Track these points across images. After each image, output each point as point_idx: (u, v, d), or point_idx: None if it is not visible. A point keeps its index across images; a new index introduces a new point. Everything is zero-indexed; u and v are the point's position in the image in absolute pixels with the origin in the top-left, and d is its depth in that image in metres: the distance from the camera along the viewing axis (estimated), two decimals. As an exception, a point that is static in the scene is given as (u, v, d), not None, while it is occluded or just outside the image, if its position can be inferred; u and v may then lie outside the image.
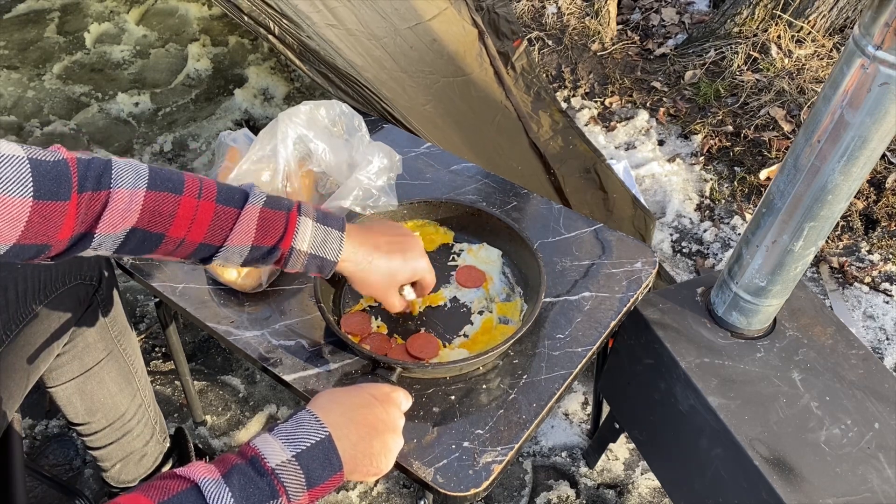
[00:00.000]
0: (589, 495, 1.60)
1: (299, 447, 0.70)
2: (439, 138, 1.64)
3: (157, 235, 0.82)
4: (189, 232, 0.83)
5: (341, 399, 0.78)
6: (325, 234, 0.90)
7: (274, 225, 0.87)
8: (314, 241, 0.89)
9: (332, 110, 1.24)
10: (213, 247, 0.85)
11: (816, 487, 0.99)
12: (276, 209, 0.87)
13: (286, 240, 0.87)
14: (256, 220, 0.86)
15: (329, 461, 0.71)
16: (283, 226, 0.87)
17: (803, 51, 2.71)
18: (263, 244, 0.87)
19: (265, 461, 0.68)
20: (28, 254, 0.75)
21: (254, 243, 0.86)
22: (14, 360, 1.05)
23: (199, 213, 0.83)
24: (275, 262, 0.90)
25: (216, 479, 0.65)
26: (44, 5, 3.16)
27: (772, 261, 1.07)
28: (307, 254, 0.89)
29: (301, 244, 0.88)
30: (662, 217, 2.27)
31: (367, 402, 0.79)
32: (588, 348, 1.09)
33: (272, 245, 0.87)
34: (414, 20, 1.80)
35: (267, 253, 0.88)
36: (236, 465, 0.67)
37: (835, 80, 0.89)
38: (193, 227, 0.83)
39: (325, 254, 0.90)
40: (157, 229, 0.81)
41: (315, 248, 0.89)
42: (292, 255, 0.89)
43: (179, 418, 1.72)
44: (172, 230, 0.82)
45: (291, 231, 0.88)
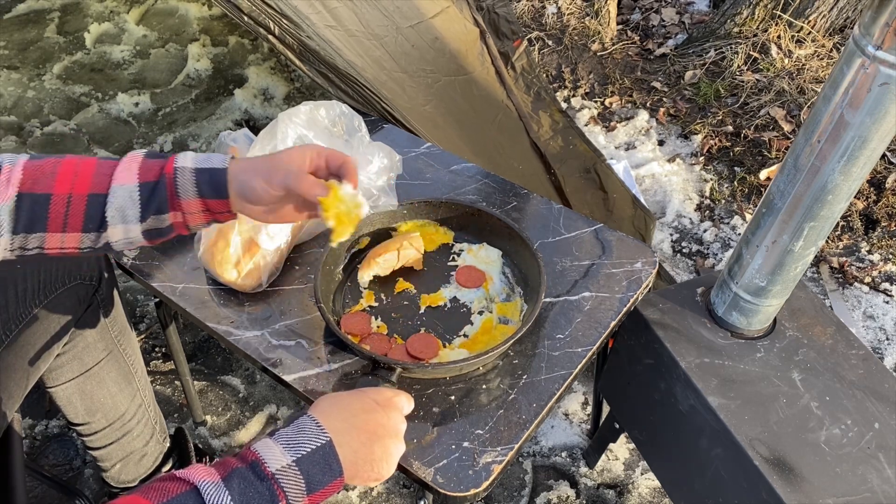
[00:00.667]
0: (589, 495, 1.60)
1: (300, 452, 0.70)
2: (440, 138, 1.64)
3: (43, 196, 0.82)
4: (74, 185, 0.83)
5: (343, 404, 0.78)
6: (208, 155, 0.88)
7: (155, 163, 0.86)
8: (198, 158, 0.87)
9: (332, 110, 1.24)
10: (101, 196, 0.84)
11: (816, 487, 0.99)
12: (158, 157, 0.87)
13: (168, 164, 0.85)
14: (139, 163, 0.85)
15: (329, 467, 0.71)
16: (163, 162, 0.86)
17: (803, 51, 2.71)
18: (148, 179, 0.85)
19: (265, 465, 0.68)
20: None
21: (139, 181, 0.84)
22: (14, 360, 1.05)
23: (80, 167, 0.84)
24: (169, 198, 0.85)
25: (216, 482, 0.65)
26: (44, 5, 3.16)
27: (772, 261, 1.07)
28: (193, 169, 0.85)
29: (184, 162, 0.86)
30: (662, 217, 2.27)
31: (369, 407, 0.79)
32: (588, 348, 1.09)
33: (156, 177, 0.85)
34: (416, 18, 1.80)
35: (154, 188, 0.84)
36: (236, 468, 0.67)
37: (835, 80, 0.89)
38: (77, 181, 0.84)
39: (212, 164, 0.86)
40: (42, 189, 0.82)
41: (200, 163, 0.86)
42: (178, 175, 0.85)
43: (179, 418, 1.72)
44: (56, 187, 0.83)
45: (172, 159, 0.86)
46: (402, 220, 1.26)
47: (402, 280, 1.19)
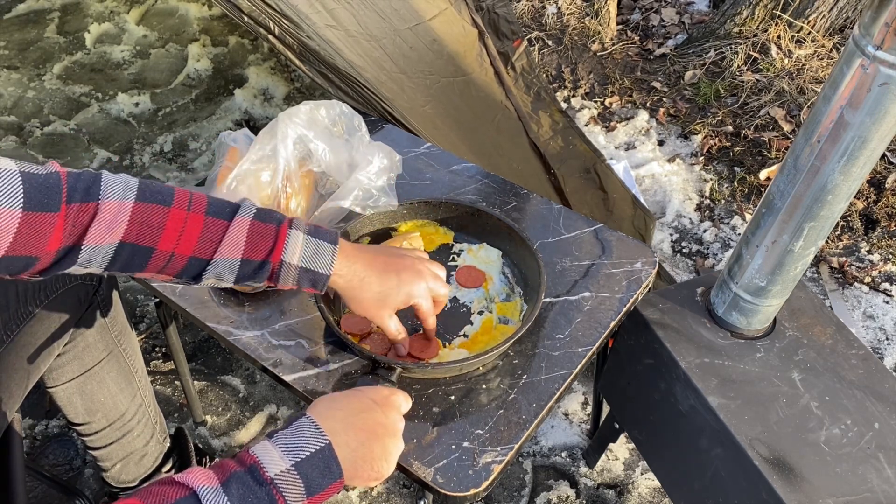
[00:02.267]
0: (589, 495, 1.60)
1: (299, 456, 0.69)
2: (439, 139, 1.64)
3: (146, 249, 0.81)
4: (178, 245, 0.82)
5: (341, 404, 0.78)
6: (316, 246, 0.88)
7: (264, 237, 0.85)
8: (305, 253, 0.87)
9: (332, 110, 1.24)
10: (204, 261, 0.84)
11: (816, 487, 0.99)
12: (266, 222, 0.86)
13: (276, 252, 0.86)
14: (246, 231, 0.84)
15: (329, 469, 0.71)
16: (273, 238, 0.85)
17: (803, 51, 2.71)
18: (253, 258, 0.85)
19: (264, 470, 0.67)
20: (16, 266, 0.75)
21: (243, 257, 0.85)
22: (14, 360, 1.05)
23: (188, 224, 0.82)
24: (267, 279, 0.88)
25: (214, 487, 0.65)
26: (44, 5, 3.16)
27: (772, 261, 1.07)
28: (298, 267, 0.87)
29: (291, 257, 0.86)
30: (662, 217, 2.27)
31: (367, 406, 0.79)
32: (588, 348, 1.09)
33: (262, 259, 0.85)
34: (414, 20, 1.80)
35: (258, 267, 0.86)
36: (235, 472, 0.67)
37: (835, 80, 0.89)
38: (182, 239, 0.82)
39: (316, 267, 0.88)
40: (146, 242, 0.81)
41: (306, 262, 0.87)
42: (283, 268, 0.87)
43: (179, 418, 1.72)
44: (161, 243, 0.81)
45: (281, 243, 0.86)
46: (402, 220, 1.26)
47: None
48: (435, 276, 0.97)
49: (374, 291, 0.92)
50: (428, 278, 0.96)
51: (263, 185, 1.15)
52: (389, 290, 0.93)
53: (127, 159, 2.45)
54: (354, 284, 0.91)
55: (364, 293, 0.92)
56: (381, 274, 0.92)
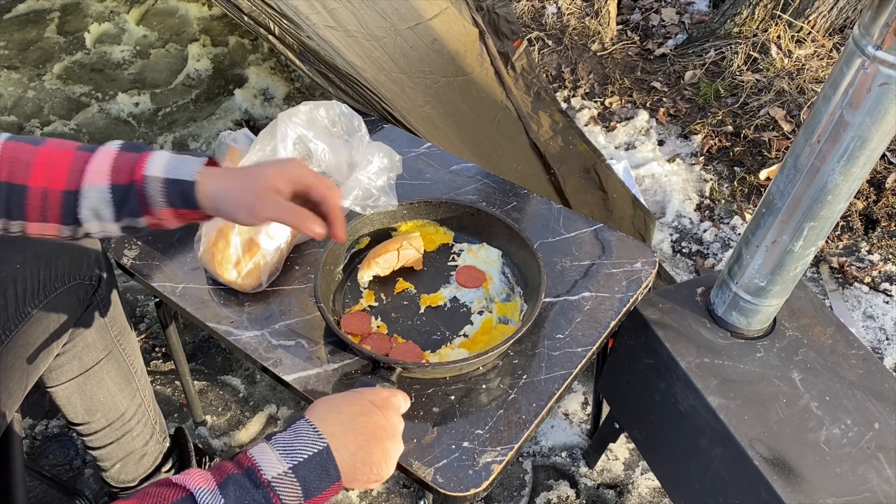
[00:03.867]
0: (589, 495, 1.60)
1: (296, 459, 0.69)
2: (439, 139, 1.64)
3: (19, 187, 0.83)
4: (49, 179, 0.83)
5: (339, 407, 0.77)
6: (180, 160, 0.86)
7: (128, 161, 0.85)
8: (168, 165, 0.85)
9: (332, 110, 1.24)
10: (75, 192, 0.84)
11: (816, 487, 0.99)
12: (132, 151, 0.86)
13: (138, 169, 0.84)
14: (112, 158, 0.85)
15: (327, 472, 0.70)
16: (136, 160, 0.85)
17: (803, 51, 2.71)
18: (119, 181, 0.84)
19: (261, 473, 0.67)
20: None
21: (111, 182, 0.84)
22: (14, 360, 1.05)
23: (57, 159, 0.84)
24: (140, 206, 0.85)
25: (212, 489, 0.65)
26: (44, 5, 3.16)
27: (772, 261, 1.07)
28: (162, 179, 0.84)
29: (154, 170, 0.84)
30: (662, 217, 2.27)
31: (367, 409, 0.78)
32: (588, 348, 1.09)
33: (127, 182, 0.84)
34: (414, 20, 1.80)
35: (125, 191, 0.84)
36: (232, 475, 0.67)
37: (835, 80, 0.89)
38: (52, 173, 0.83)
39: (181, 175, 0.84)
40: (18, 180, 0.83)
41: (170, 172, 0.84)
42: (147, 185, 0.84)
43: (179, 418, 1.72)
44: (32, 179, 0.83)
45: (143, 160, 0.85)
46: (402, 220, 1.26)
47: (402, 280, 1.19)
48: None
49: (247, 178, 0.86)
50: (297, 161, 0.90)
51: (263, 185, 1.15)
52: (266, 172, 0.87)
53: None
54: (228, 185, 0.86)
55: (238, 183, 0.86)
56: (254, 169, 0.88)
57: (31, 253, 1.07)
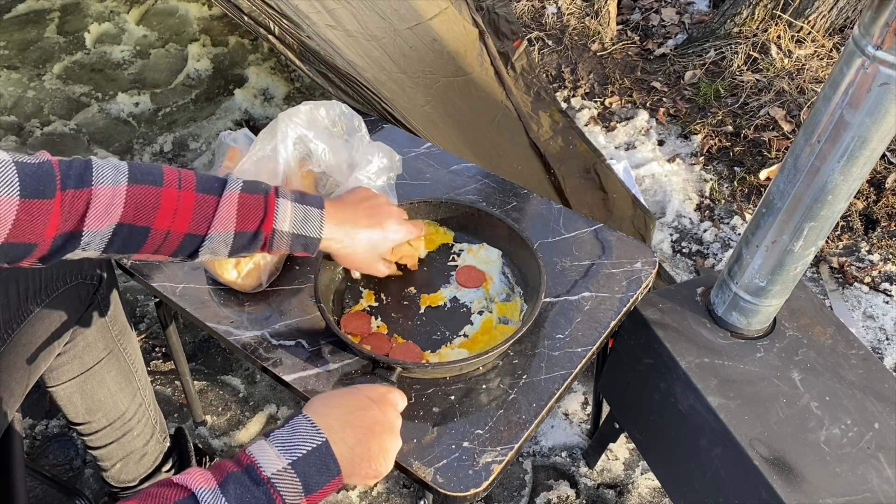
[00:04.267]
0: (589, 495, 1.60)
1: (295, 455, 0.69)
2: (439, 139, 1.64)
3: (142, 229, 0.84)
4: (173, 223, 0.85)
5: (337, 402, 0.78)
6: (304, 212, 0.92)
7: (254, 209, 0.88)
8: (295, 220, 0.91)
9: (332, 110, 1.24)
10: (199, 237, 0.87)
11: (816, 487, 0.99)
12: (254, 193, 0.89)
13: (267, 222, 0.89)
14: (236, 205, 0.87)
15: (326, 467, 0.71)
16: (262, 209, 0.89)
17: (803, 51, 2.71)
18: (246, 229, 0.88)
19: (261, 470, 0.67)
20: (16, 253, 0.77)
21: (236, 229, 0.88)
22: (14, 359, 1.06)
23: (181, 202, 0.85)
24: (261, 247, 0.91)
25: (212, 488, 0.65)
26: (44, 5, 3.16)
27: (772, 261, 1.07)
28: (290, 234, 0.91)
29: (282, 225, 0.90)
30: (662, 217, 2.27)
31: (364, 404, 0.79)
32: (588, 348, 1.09)
33: (255, 229, 0.89)
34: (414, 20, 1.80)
35: (251, 238, 0.89)
36: (232, 473, 0.67)
37: (835, 80, 0.89)
38: (177, 217, 0.85)
39: (307, 232, 0.92)
40: (142, 222, 0.83)
41: (297, 228, 0.91)
42: (275, 236, 0.91)
43: (179, 418, 1.72)
44: (157, 222, 0.84)
45: (272, 213, 0.89)
46: (402, 220, 1.26)
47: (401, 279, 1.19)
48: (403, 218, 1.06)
49: (363, 246, 1.00)
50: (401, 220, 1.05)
51: (263, 185, 1.15)
52: (377, 242, 1.02)
53: (127, 159, 2.45)
54: (346, 244, 0.98)
55: (356, 250, 1.00)
56: (367, 228, 1.00)
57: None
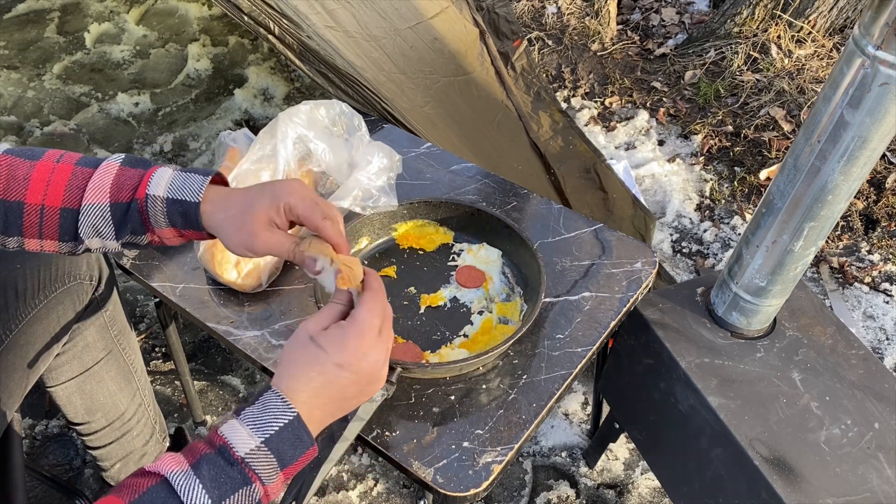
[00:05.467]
0: (589, 495, 1.60)
1: (267, 432, 0.68)
2: (439, 139, 1.64)
3: (16, 204, 0.80)
4: (46, 196, 0.80)
5: (304, 372, 0.72)
6: (184, 178, 0.83)
7: (130, 178, 0.82)
8: (172, 184, 0.82)
9: (332, 110, 1.24)
10: (74, 210, 0.82)
11: (816, 487, 0.99)
12: (135, 166, 0.83)
13: (141, 188, 0.82)
14: (113, 175, 0.82)
15: (300, 440, 0.69)
16: (139, 177, 0.82)
17: (803, 51, 2.71)
18: (120, 199, 0.82)
19: (234, 450, 0.66)
20: None
21: (111, 200, 0.82)
22: (14, 359, 1.05)
23: (55, 175, 0.81)
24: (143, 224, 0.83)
25: (185, 470, 0.64)
26: (44, 5, 3.16)
27: (772, 261, 1.07)
28: (164, 199, 0.81)
29: (156, 189, 0.82)
30: (662, 217, 2.27)
31: (334, 376, 0.72)
32: (588, 348, 1.09)
33: (129, 199, 0.82)
34: (414, 19, 1.80)
35: (125, 209, 0.82)
36: (205, 454, 0.66)
37: (835, 80, 0.89)
38: (49, 189, 0.80)
39: (184, 195, 0.81)
40: (14, 196, 0.80)
41: (173, 192, 0.82)
42: (149, 204, 0.82)
43: (179, 418, 1.72)
44: (29, 195, 0.80)
45: (146, 179, 0.82)
46: (402, 220, 1.26)
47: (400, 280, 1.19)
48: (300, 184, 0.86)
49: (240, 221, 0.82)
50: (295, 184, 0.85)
51: (263, 185, 1.15)
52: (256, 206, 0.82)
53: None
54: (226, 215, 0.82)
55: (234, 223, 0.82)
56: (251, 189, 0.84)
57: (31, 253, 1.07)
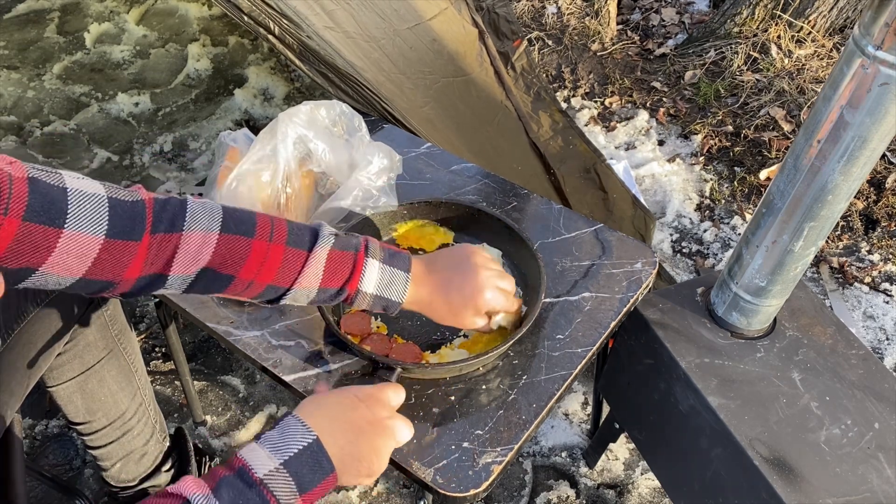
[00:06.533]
0: (589, 495, 1.60)
1: (286, 454, 0.69)
2: (438, 140, 1.64)
3: (226, 277, 0.83)
4: (258, 274, 0.84)
5: (326, 403, 0.78)
6: (391, 275, 0.91)
7: (341, 267, 0.88)
8: (380, 282, 0.90)
9: (332, 110, 1.24)
10: (282, 289, 0.87)
11: (816, 487, 0.99)
12: (344, 250, 0.88)
13: (353, 282, 0.89)
14: (325, 262, 0.87)
15: (319, 465, 0.70)
16: (350, 268, 0.88)
17: (803, 51, 2.71)
18: (330, 286, 0.88)
19: (252, 472, 0.67)
20: (93, 288, 0.77)
21: (321, 286, 0.88)
22: (14, 360, 1.05)
23: (269, 255, 0.84)
24: (343, 301, 0.92)
25: (205, 494, 0.65)
26: (44, 5, 3.16)
27: (772, 261, 1.07)
28: (373, 295, 0.90)
29: (367, 286, 0.90)
30: (662, 217, 2.27)
31: (352, 404, 0.79)
32: (588, 349, 1.09)
33: (339, 287, 0.89)
34: (413, 20, 1.80)
35: (335, 293, 0.89)
36: (224, 477, 0.67)
37: (835, 80, 0.89)
38: (263, 269, 0.84)
39: (390, 295, 0.91)
40: (228, 271, 0.82)
41: (381, 290, 0.91)
42: (358, 295, 0.90)
43: (179, 418, 1.72)
44: (242, 272, 0.83)
45: (358, 273, 0.89)
46: (402, 220, 1.26)
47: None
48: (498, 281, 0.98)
49: (444, 310, 0.96)
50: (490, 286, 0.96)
51: (263, 186, 1.15)
52: (458, 308, 0.96)
53: (127, 159, 2.45)
54: (424, 307, 0.96)
55: (436, 312, 0.96)
56: (447, 294, 0.95)
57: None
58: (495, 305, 0.97)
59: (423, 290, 0.94)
